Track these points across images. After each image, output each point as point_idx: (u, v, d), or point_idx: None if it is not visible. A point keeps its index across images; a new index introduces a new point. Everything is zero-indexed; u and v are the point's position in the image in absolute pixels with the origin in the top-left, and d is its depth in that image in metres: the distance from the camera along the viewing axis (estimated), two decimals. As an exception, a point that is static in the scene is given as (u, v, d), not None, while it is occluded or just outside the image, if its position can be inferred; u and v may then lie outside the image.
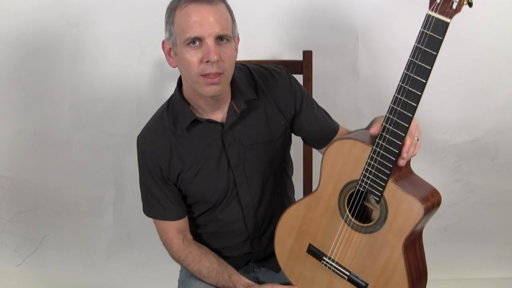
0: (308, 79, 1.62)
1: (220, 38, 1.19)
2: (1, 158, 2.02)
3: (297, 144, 1.60)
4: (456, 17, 1.03)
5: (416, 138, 1.12)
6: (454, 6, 0.91)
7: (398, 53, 1.84)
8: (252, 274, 1.50)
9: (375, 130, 1.09)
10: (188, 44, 1.18)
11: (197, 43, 1.18)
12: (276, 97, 1.36)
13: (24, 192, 2.07)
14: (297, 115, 1.40)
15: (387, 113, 1.06)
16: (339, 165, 1.19)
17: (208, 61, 1.18)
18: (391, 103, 1.04)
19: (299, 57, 1.62)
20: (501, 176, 2.04)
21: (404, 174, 1.16)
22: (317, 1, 1.79)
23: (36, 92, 1.92)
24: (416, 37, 0.96)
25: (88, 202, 2.09)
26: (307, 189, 1.68)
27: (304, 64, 1.61)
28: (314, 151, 1.67)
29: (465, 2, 0.90)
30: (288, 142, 1.45)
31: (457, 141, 2.00)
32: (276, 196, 1.43)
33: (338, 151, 1.19)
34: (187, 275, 1.48)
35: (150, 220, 1.45)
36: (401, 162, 1.10)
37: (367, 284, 1.21)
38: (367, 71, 1.90)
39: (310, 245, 1.30)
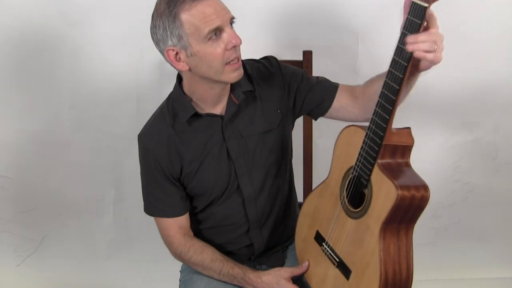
0: (308, 79, 1.62)
1: (231, 23, 1.23)
2: (1, 158, 2.02)
3: (297, 142, 1.59)
4: (456, 16, 1.05)
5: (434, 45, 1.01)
6: None
7: (398, 53, 1.85)
8: (253, 271, 1.51)
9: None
10: (210, 38, 1.19)
11: (216, 34, 1.20)
12: (270, 87, 1.38)
13: (24, 192, 2.07)
14: (298, 95, 1.40)
15: (378, 98, 1.09)
16: (344, 152, 1.22)
17: (233, 47, 1.21)
18: (381, 88, 1.08)
19: (299, 57, 1.62)
20: (501, 176, 2.04)
21: (397, 164, 1.14)
22: (317, 1, 1.79)
23: (36, 92, 1.92)
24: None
25: (88, 202, 2.09)
26: (307, 187, 1.69)
27: (304, 64, 1.61)
28: (314, 148, 1.67)
29: None
30: (286, 130, 1.44)
31: (457, 141, 2.00)
32: (277, 185, 1.43)
33: (345, 137, 1.23)
34: (189, 276, 1.48)
35: (150, 220, 1.45)
36: (410, 47, 1.02)
37: (350, 272, 1.20)
38: (367, 71, 1.89)
39: (317, 231, 1.31)
